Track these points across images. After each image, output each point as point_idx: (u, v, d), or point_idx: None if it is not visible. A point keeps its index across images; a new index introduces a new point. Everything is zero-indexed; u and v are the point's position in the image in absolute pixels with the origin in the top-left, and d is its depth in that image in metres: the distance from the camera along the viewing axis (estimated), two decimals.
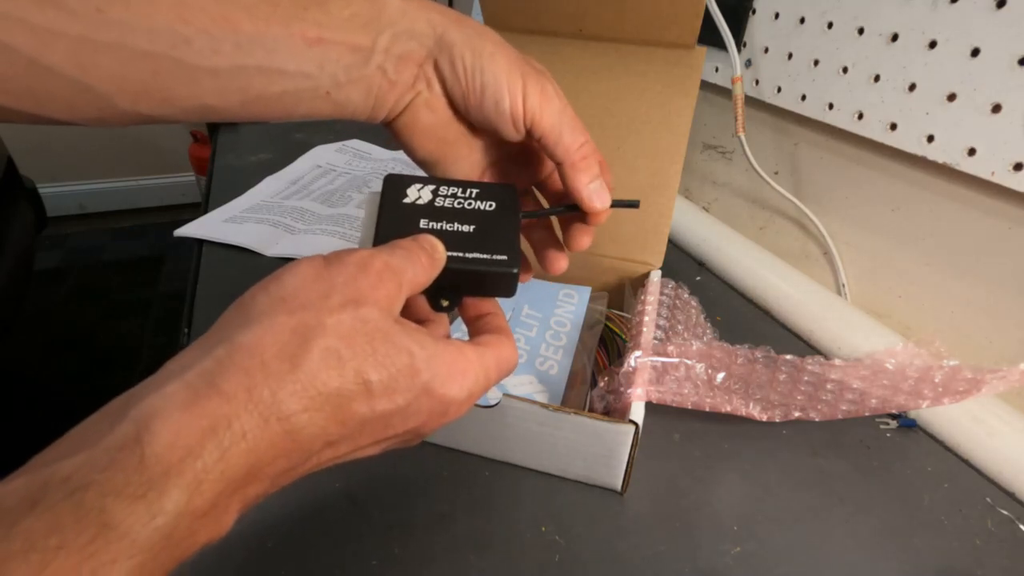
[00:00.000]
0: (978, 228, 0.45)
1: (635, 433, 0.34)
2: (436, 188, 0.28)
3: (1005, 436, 0.40)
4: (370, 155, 0.88)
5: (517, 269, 0.26)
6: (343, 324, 0.20)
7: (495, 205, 0.28)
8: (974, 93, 0.42)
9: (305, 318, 0.20)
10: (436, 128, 0.29)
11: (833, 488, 0.39)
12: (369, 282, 0.21)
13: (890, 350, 0.45)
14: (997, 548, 0.36)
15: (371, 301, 0.21)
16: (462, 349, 0.23)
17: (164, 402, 0.17)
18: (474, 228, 0.27)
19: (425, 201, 0.28)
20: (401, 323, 0.22)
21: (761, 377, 0.43)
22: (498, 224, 0.27)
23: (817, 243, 0.59)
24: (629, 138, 0.50)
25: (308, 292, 0.20)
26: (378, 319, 0.21)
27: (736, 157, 0.68)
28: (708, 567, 0.34)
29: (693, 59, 0.48)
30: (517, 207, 0.28)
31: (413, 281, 0.23)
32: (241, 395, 0.18)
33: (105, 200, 2.19)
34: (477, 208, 0.28)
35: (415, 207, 0.27)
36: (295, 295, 0.20)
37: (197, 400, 0.17)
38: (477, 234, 0.27)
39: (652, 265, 0.50)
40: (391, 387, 0.20)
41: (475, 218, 0.27)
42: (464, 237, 0.27)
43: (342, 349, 0.20)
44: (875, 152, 0.52)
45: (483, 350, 0.25)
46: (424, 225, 0.27)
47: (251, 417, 0.18)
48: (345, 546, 0.34)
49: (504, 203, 0.28)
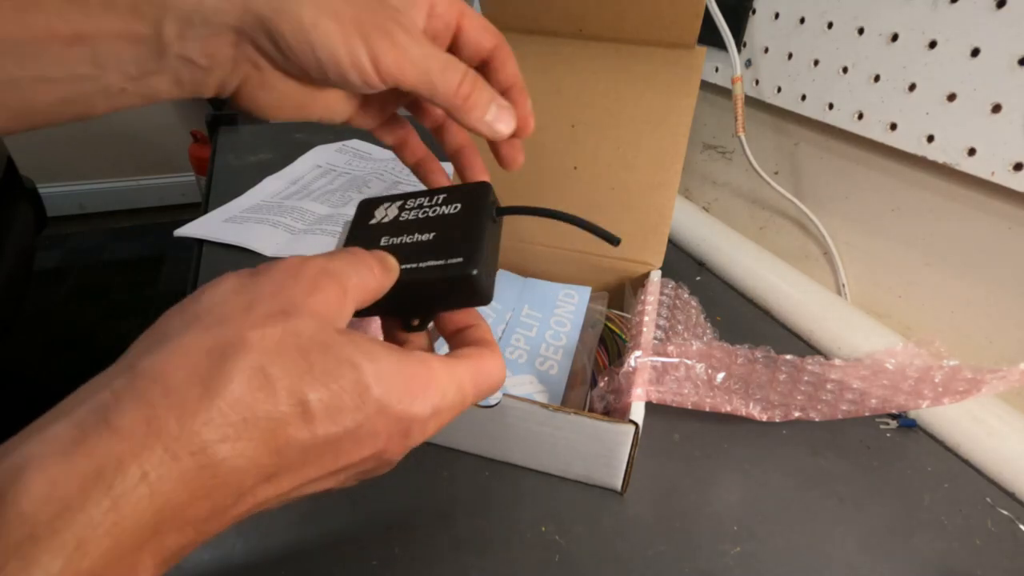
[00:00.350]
0: (978, 228, 0.45)
1: (635, 433, 0.34)
2: (403, 203, 0.27)
3: (1005, 436, 0.40)
4: (370, 155, 0.88)
5: (476, 270, 0.23)
6: (269, 338, 0.17)
7: (460, 207, 0.26)
8: (974, 93, 0.42)
9: (223, 334, 0.17)
10: (285, 99, 0.25)
11: (833, 488, 0.39)
12: (302, 289, 0.19)
13: (890, 350, 0.45)
14: (997, 548, 0.36)
15: (305, 310, 0.18)
16: (426, 361, 0.20)
17: (43, 447, 0.14)
18: (434, 235, 0.25)
19: (391, 218, 0.27)
20: (346, 334, 0.19)
21: (761, 377, 0.43)
22: (461, 226, 0.25)
23: (817, 243, 0.59)
24: (629, 138, 0.50)
25: (228, 305, 0.18)
26: (314, 330, 0.18)
27: (736, 157, 0.68)
28: (708, 567, 0.34)
29: (693, 59, 0.48)
30: (485, 204, 0.26)
31: (361, 287, 0.21)
32: (139, 429, 0.15)
33: (105, 200, 2.19)
34: (441, 213, 0.26)
35: (380, 226, 0.26)
36: (211, 310, 0.18)
37: (84, 440, 0.15)
38: (436, 241, 0.25)
39: (652, 265, 0.50)
40: (334, 407, 0.18)
41: (437, 225, 0.25)
42: (422, 247, 0.25)
43: (270, 367, 0.17)
44: (875, 152, 0.52)
45: (455, 362, 0.22)
46: (384, 243, 0.25)
47: (153, 454, 0.15)
48: (345, 546, 0.34)
49: (472, 202, 0.26)
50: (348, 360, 0.18)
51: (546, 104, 0.52)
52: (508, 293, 0.51)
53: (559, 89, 0.51)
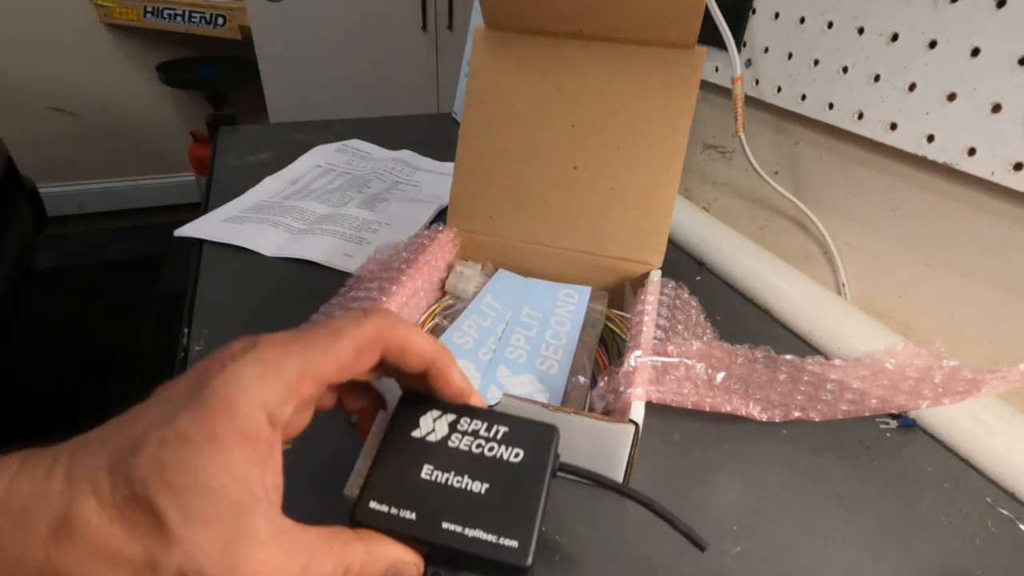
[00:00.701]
0: (978, 228, 0.45)
1: (635, 433, 0.34)
2: (456, 420, 0.24)
3: (1005, 436, 0.40)
4: (370, 155, 0.88)
5: (528, 563, 0.21)
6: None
7: (522, 455, 0.23)
8: (974, 93, 0.42)
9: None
10: None
11: (833, 488, 0.39)
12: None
13: (890, 350, 0.45)
14: (997, 548, 0.36)
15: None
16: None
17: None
18: (487, 488, 0.22)
19: (439, 437, 0.23)
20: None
21: (761, 377, 0.43)
22: (518, 488, 0.22)
23: (817, 243, 0.59)
24: (629, 138, 0.50)
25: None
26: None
27: (736, 157, 0.68)
28: (708, 567, 0.34)
29: (693, 59, 0.48)
30: (549, 458, 0.23)
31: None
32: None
33: (105, 200, 2.19)
34: (500, 457, 0.23)
35: (424, 446, 0.23)
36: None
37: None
38: (489, 499, 0.22)
39: (652, 265, 0.51)
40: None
41: (493, 472, 0.22)
42: (472, 502, 0.22)
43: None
44: (875, 152, 0.52)
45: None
46: (427, 475, 0.23)
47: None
48: None
49: (535, 455, 0.23)
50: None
51: (546, 104, 0.52)
52: (508, 293, 0.51)
53: (559, 89, 0.51)
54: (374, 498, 0.23)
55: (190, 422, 0.18)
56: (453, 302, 0.51)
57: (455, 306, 0.51)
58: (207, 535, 0.18)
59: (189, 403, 0.18)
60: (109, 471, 0.18)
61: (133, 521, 0.17)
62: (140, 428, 0.18)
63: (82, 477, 0.18)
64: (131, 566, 0.17)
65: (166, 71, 1.92)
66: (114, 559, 0.17)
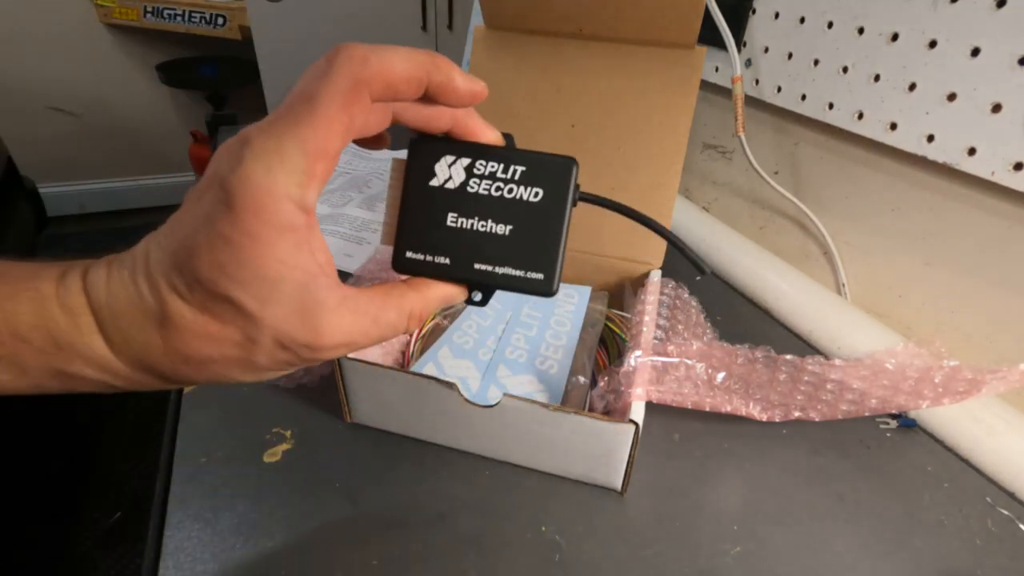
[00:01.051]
0: (978, 228, 0.45)
1: (635, 433, 0.34)
2: (471, 164, 0.24)
3: (1005, 436, 0.40)
4: (370, 155, 0.88)
5: (554, 290, 0.23)
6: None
7: (542, 194, 0.23)
8: (974, 93, 0.42)
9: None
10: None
11: (833, 488, 0.39)
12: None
13: (890, 350, 0.45)
14: (997, 548, 0.36)
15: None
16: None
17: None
18: (511, 229, 0.23)
19: (457, 184, 0.24)
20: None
21: (761, 377, 0.43)
22: (541, 225, 0.23)
23: (817, 243, 0.59)
24: (629, 138, 0.50)
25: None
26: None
27: (736, 157, 0.68)
28: (708, 567, 0.34)
29: (693, 59, 0.48)
30: (569, 190, 0.23)
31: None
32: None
33: (105, 200, 2.19)
34: (520, 198, 0.23)
35: (444, 194, 0.24)
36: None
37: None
38: (514, 239, 0.23)
39: (652, 265, 0.50)
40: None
41: (515, 214, 0.23)
42: (497, 244, 0.23)
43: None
44: (875, 152, 0.52)
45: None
46: (452, 223, 0.23)
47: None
48: (345, 546, 0.34)
49: (554, 190, 0.23)
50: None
51: (546, 104, 0.52)
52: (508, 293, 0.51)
53: (559, 89, 0.51)
54: (408, 249, 0.24)
55: (227, 226, 0.19)
56: None
57: (455, 306, 0.51)
58: (284, 311, 0.20)
59: (219, 209, 0.19)
60: (179, 274, 0.19)
61: (218, 312, 0.20)
62: (187, 233, 0.20)
63: (160, 281, 0.20)
64: (233, 342, 0.20)
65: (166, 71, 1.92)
66: (216, 340, 0.20)
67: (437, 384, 0.36)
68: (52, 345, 0.20)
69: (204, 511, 0.35)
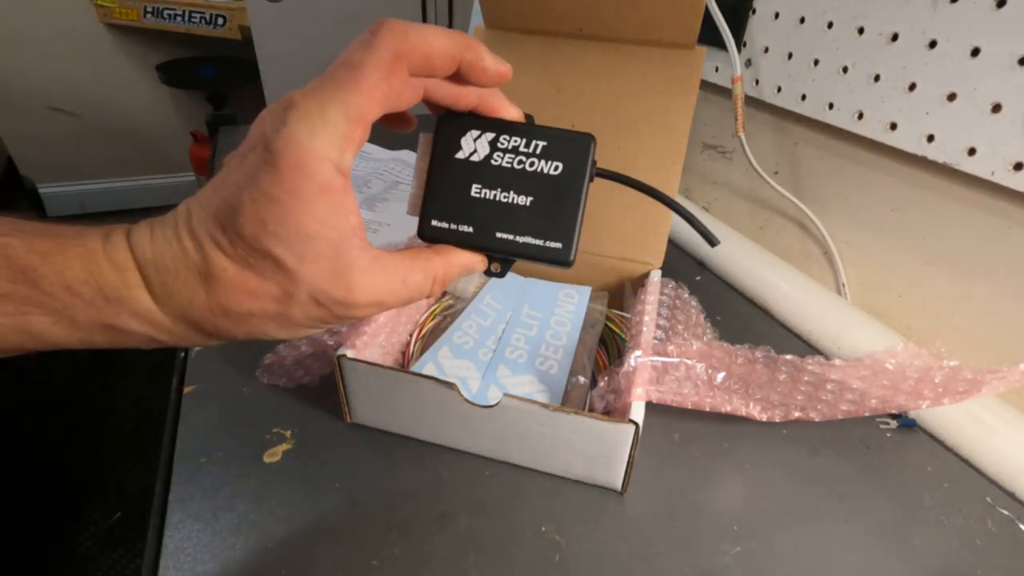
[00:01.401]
0: (978, 228, 0.45)
1: (635, 433, 0.34)
2: (495, 138, 0.25)
3: (1005, 436, 0.40)
4: (371, 155, 0.88)
5: (572, 259, 0.25)
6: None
7: (561, 168, 0.25)
8: (974, 93, 0.42)
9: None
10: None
11: (833, 488, 0.39)
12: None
13: (890, 350, 0.45)
14: (997, 548, 0.36)
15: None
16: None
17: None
18: (532, 200, 0.24)
19: (481, 157, 0.25)
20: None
21: (761, 377, 0.43)
22: (560, 197, 0.24)
23: (817, 243, 0.59)
24: (629, 138, 0.50)
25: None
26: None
27: (736, 157, 0.68)
28: (708, 567, 0.34)
29: (693, 59, 0.48)
30: (587, 166, 0.25)
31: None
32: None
33: (105, 200, 2.19)
34: (540, 171, 0.25)
35: (469, 166, 0.25)
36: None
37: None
38: (534, 209, 0.24)
39: (652, 265, 0.50)
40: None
41: (535, 185, 0.25)
42: (518, 214, 0.24)
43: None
44: (875, 152, 0.52)
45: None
46: (476, 193, 0.25)
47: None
48: (345, 546, 0.34)
49: (573, 164, 0.25)
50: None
51: (546, 104, 0.52)
52: (508, 293, 0.51)
53: (559, 89, 0.51)
54: (434, 217, 0.26)
55: (271, 184, 0.20)
56: (453, 302, 0.51)
57: (455, 306, 0.51)
58: (319, 268, 0.21)
59: (264, 168, 0.20)
60: (222, 231, 0.21)
61: (258, 267, 0.21)
62: (230, 191, 0.21)
63: (203, 237, 0.21)
64: (271, 297, 0.21)
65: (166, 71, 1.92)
66: (256, 294, 0.21)
67: (437, 384, 0.36)
68: (101, 299, 0.21)
69: (204, 511, 0.35)
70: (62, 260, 0.21)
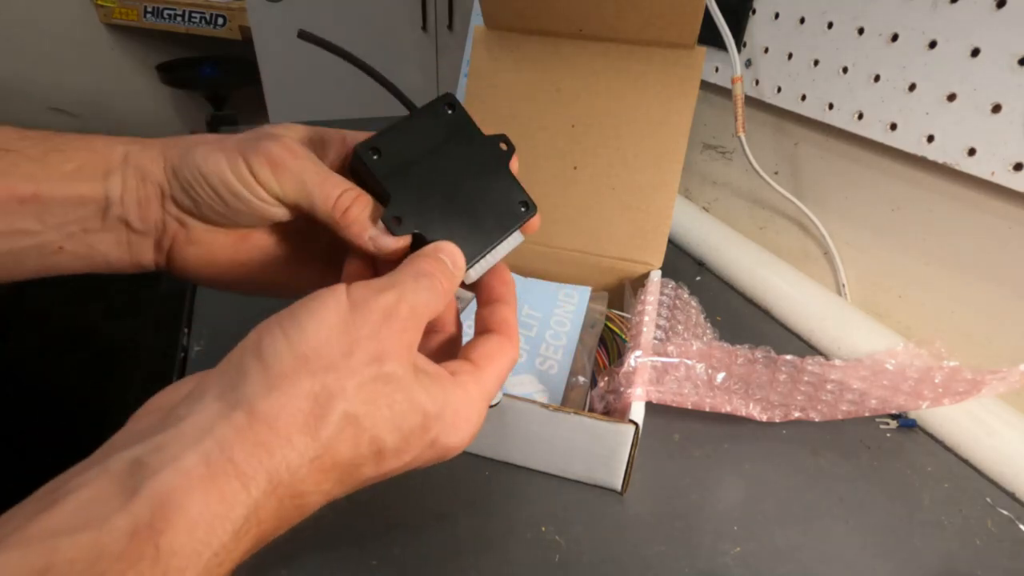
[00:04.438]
0: (978, 228, 0.45)
1: (635, 433, 0.34)
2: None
3: (1005, 436, 0.40)
4: None
5: (533, 212, 0.27)
6: (365, 388, 0.19)
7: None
8: (974, 93, 0.42)
9: (327, 382, 0.19)
10: (215, 251, 0.26)
11: (833, 488, 0.39)
12: (394, 333, 0.20)
13: (890, 351, 0.45)
14: (997, 548, 0.36)
15: (394, 354, 0.20)
16: (469, 392, 0.22)
17: (179, 480, 0.16)
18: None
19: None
20: (418, 373, 0.21)
21: (761, 377, 0.43)
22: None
23: (817, 243, 0.59)
24: (629, 138, 0.50)
25: (331, 349, 0.19)
26: (400, 374, 0.20)
27: (736, 157, 0.68)
28: (708, 567, 0.34)
29: (693, 59, 0.48)
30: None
31: (433, 311, 0.22)
32: (262, 480, 0.17)
33: None
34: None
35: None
36: (318, 353, 0.19)
37: (215, 481, 0.16)
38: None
39: (652, 265, 0.50)
40: (402, 448, 0.20)
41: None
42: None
43: (362, 415, 0.19)
44: (875, 152, 0.52)
45: (485, 377, 0.23)
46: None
47: (269, 502, 0.18)
48: (345, 546, 0.34)
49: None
50: (420, 406, 0.20)
51: (546, 104, 0.52)
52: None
53: (559, 89, 0.51)
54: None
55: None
56: None
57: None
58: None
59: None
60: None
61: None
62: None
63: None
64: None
65: (166, 71, 1.92)
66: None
67: None
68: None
69: None
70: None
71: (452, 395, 0.21)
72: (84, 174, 0.24)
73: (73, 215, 0.24)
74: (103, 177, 0.24)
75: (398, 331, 0.20)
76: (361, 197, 0.25)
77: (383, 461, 0.20)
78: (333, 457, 0.19)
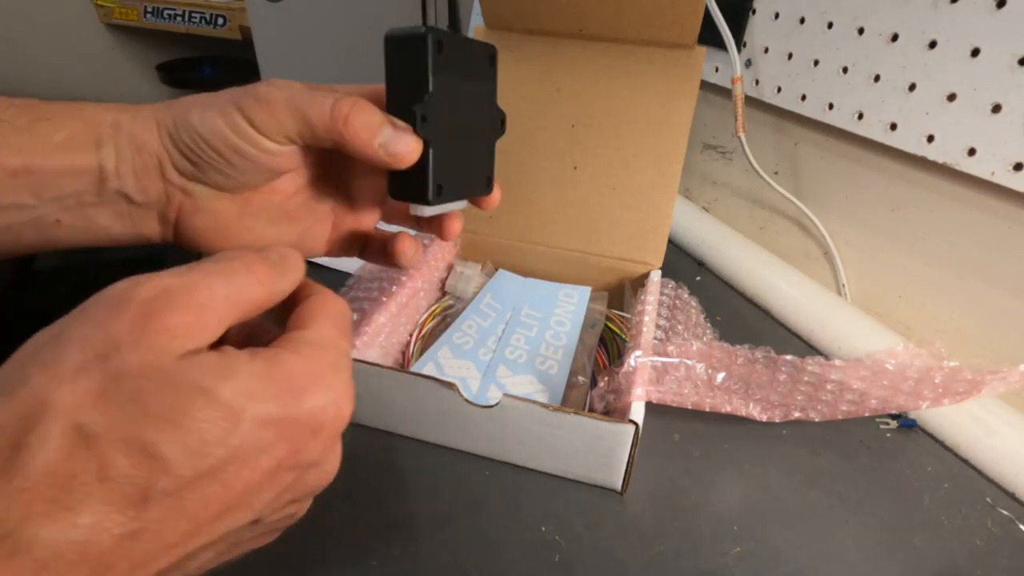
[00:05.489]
0: (978, 228, 0.45)
1: (635, 433, 0.34)
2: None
3: (1005, 436, 0.40)
4: None
5: (490, 191, 0.30)
6: (81, 392, 0.15)
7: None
8: (974, 93, 0.42)
9: (23, 401, 0.14)
10: (223, 218, 0.25)
11: (833, 488, 0.39)
12: (126, 322, 0.16)
13: (890, 351, 0.45)
14: (997, 548, 0.36)
15: (129, 346, 0.15)
16: (298, 350, 0.19)
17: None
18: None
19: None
20: (190, 359, 0.16)
21: (761, 377, 0.43)
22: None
23: (817, 243, 0.59)
24: (629, 138, 0.50)
25: (31, 364, 0.15)
26: (144, 366, 0.15)
27: (736, 157, 0.68)
28: (708, 567, 0.34)
29: (693, 59, 0.48)
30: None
31: (236, 298, 0.18)
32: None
33: None
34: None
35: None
36: (14, 374, 0.15)
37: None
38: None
39: (652, 265, 0.50)
40: (194, 441, 0.15)
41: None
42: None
43: (89, 424, 0.14)
44: (875, 152, 0.52)
45: (317, 325, 0.20)
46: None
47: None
48: (345, 546, 0.34)
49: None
50: (196, 386, 0.16)
51: (546, 104, 0.52)
52: (508, 293, 0.51)
53: (559, 89, 0.51)
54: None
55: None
56: (453, 302, 0.51)
57: (455, 306, 0.51)
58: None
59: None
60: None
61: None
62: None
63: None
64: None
65: (166, 71, 1.92)
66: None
67: (437, 384, 0.36)
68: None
69: None
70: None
71: (272, 362, 0.18)
72: (75, 144, 0.22)
73: (68, 188, 0.23)
74: (95, 147, 0.23)
75: (133, 319, 0.16)
76: (359, 102, 0.23)
77: (167, 463, 0.15)
78: (59, 483, 0.14)
